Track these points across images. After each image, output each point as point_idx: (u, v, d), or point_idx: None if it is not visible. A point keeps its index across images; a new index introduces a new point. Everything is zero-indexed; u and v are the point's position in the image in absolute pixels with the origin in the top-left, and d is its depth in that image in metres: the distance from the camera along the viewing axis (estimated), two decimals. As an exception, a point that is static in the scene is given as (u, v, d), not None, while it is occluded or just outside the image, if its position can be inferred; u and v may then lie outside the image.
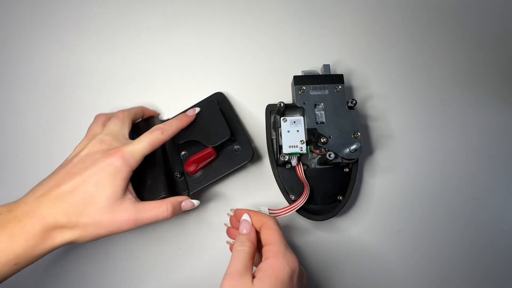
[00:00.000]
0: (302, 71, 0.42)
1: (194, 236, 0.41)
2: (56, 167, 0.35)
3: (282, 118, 0.41)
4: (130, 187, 0.32)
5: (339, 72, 0.46)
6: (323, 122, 0.39)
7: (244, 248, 0.29)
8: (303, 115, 0.40)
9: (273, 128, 0.42)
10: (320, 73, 0.42)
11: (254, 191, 0.42)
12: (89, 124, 0.45)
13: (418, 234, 0.42)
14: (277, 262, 0.27)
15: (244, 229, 0.30)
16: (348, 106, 0.39)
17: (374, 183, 0.43)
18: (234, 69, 0.47)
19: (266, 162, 0.43)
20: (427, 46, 0.48)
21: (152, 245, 0.40)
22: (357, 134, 0.38)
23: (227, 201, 0.42)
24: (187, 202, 0.34)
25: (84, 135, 0.45)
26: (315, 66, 0.46)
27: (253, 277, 0.27)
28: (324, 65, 0.42)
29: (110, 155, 0.31)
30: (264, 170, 0.43)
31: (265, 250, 0.29)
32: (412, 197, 0.43)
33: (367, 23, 0.49)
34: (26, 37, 0.48)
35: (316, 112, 0.39)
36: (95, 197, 0.29)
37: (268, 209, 0.34)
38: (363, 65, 0.47)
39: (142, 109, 0.41)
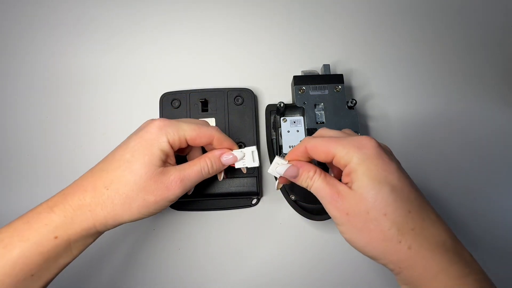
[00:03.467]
0: (302, 71, 0.42)
1: (194, 236, 0.41)
2: (57, 168, 0.35)
3: (282, 118, 0.41)
4: (172, 160, 0.30)
5: (339, 72, 0.45)
6: (323, 122, 0.39)
7: (314, 178, 0.27)
8: (303, 115, 0.40)
9: (273, 128, 0.42)
10: (320, 73, 0.42)
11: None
12: (89, 123, 0.45)
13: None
14: (357, 155, 0.25)
15: (294, 174, 0.28)
16: (348, 106, 0.39)
17: (374, 183, 0.43)
18: (234, 69, 0.47)
19: (266, 162, 0.43)
20: (427, 46, 0.48)
21: (152, 245, 0.41)
22: (357, 134, 0.38)
23: (227, 201, 0.42)
24: (227, 155, 0.32)
25: (84, 134, 0.45)
26: (315, 66, 0.46)
27: (348, 185, 0.25)
28: (324, 65, 0.42)
29: (148, 124, 0.30)
30: (263, 169, 0.43)
31: (336, 163, 0.27)
32: (411, 197, 0.43)
33: (367, 23, 0.49)
34: (27, 37, 0.48)
35: (316, 112, 0.39)
36: (132, 165, 0.27)
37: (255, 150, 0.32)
38: (363, 65, 0.47)
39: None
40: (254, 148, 0.33)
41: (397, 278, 0.25)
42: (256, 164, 0.32)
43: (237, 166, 0.33)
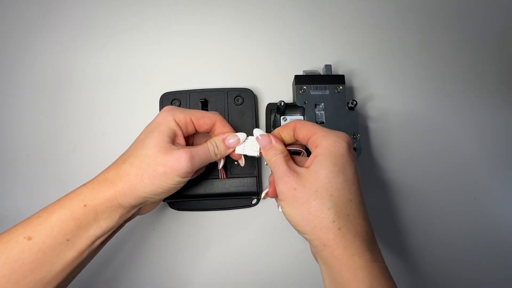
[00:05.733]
0: (304, 71, 0.42)
1: (194, 236, 0.41)
2: (57, 168, 0.35)
3: (282, 117, 0.41)
4: (181, 140, 0.32)
5: (340, 73, 0.45)
6: (323, 122, 0.38)
7: (278, 155, 0.30)
8: (303, 115, 0.40)
9: (273, 127, 0.42)
10: (322, 73, 0.42)
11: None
12: (89, 123, 0.45)
13: (418, 234, 0.42)
14: (330, 141, 0.28)
15: (266, 144, 0.32)
16: (348, 107, 0.39)
17: (373, 184, 0.43)
18: (234, 69, 0.47)
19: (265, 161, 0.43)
20: (428, 47, 0.48)
21: (152, 245, 0.41)
22: (357, 135, 0.38)
23: (227, 201, 0.42)
24: (231, 137, 0.33)
25: (84, 134, 0.45)
26: (315, 66, 0.45)
27: (306, 167, 0.29)
28: (325, 65, 0.42)
29: (160, 111, 0.33)
30: (263, 169, 0.43)
31: (311, 142, 0.30)
32: (411, 197, 0.43)
33: (369, 23, 0.49)
34: (27, 37, 0.47)
35: (316, 112, 0.39)
36: (144, 141, 0.31)
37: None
38: (364, 65, 0.47)
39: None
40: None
41: (317, 256, 0.29)
42: (256, 154, 0.33)
43: (237, 151, 0.33)
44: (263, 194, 0.33)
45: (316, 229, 0.27)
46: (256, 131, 0.33)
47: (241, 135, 0.34)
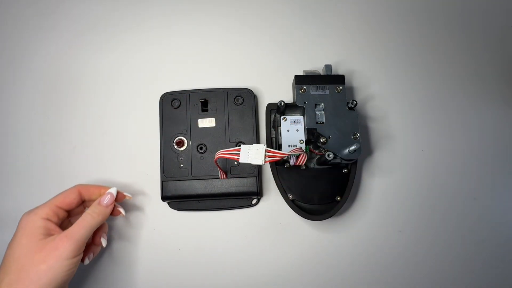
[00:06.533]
0: (304, 71, 0.42)
1: (194, 236, 0.41)
2: (57, 168, 0.35)
3: (282, 117, 0.40)
4: (57, 230, 0.31)
5: (340, 73, 0.45)
6: (323, 122, 0.38)
7: None
8: (303, 115, 0.40)
9: (273, 127, 0.42)
10: (322, 73, 0.42)
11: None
12: (89, 123, 0.45)
13: (418, 234, 0.42)
14: None
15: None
16: (348, 107, 0.39)
17: (373, 184, 0.43)
18: (234, 69, 0.47)
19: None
20: (428, 47, 0.48)
21: (152, 245, 0.41)
22: (357, 135, 0.38)
23: (226, 201, 0.42)
24: (104, 196, 0.34)
25: (84, 134, 0.45)
26: (317, 66, 0.45)
27: None
28: (326, 65, 0.42)
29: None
30: (263, 169, 0.43)
31: None
32: (411, 197, 0.43)
33: (369, 23, 0.49)
34: (27, 37, 0.47)
35: (316, 112, 0.39)
36: (15, 254, 0.29)
37: (266, 149, 0.32)
38: (364, 65, 0.47)
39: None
40: (261, 146, 0.32)
41: None
42: (261, 162, 0.32)
43: (241, 160, 0.32)
44: None
45: None
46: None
47: (112, 189, 0.35)
